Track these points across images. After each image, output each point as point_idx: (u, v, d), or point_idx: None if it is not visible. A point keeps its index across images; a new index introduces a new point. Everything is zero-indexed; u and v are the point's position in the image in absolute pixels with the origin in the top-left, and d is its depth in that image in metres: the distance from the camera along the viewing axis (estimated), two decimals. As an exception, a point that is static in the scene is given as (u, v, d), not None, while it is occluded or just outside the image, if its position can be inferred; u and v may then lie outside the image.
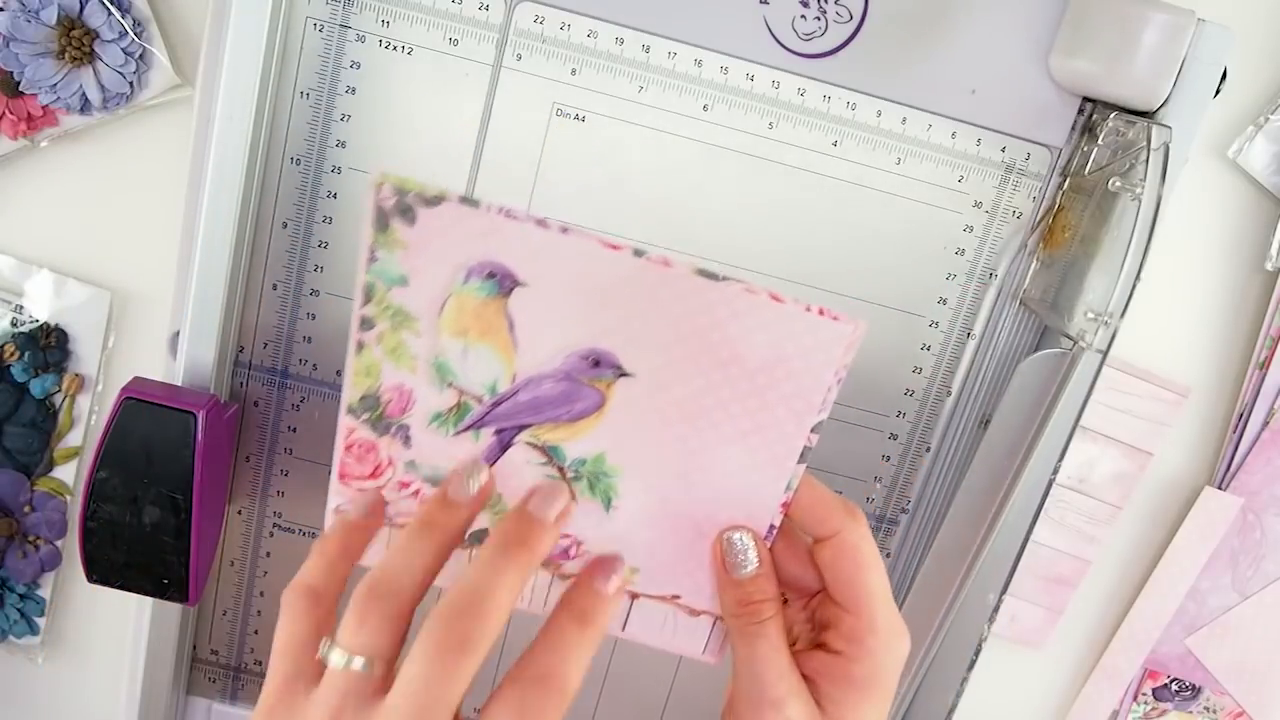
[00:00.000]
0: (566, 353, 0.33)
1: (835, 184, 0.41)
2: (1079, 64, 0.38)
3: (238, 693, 0.48)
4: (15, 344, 0.44)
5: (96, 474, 0.39)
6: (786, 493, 0.34)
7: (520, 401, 0.34)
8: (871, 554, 0.33)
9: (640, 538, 0.36)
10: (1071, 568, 0.50)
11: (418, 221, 0.31)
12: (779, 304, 0.31)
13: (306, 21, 0.38)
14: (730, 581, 0.34)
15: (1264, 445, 0.47)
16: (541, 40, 0.39)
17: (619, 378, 0.33)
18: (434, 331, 0.33)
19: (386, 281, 0.32)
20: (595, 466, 0.35)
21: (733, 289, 0.31)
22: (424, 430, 0.34)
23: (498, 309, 0.32)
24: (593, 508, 0.35)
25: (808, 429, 0.33)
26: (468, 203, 0.31)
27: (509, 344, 0.33)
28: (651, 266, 0.31)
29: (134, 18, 0.40)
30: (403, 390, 0.34)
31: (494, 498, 0.35)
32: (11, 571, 0.48)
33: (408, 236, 0.31)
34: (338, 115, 0.39)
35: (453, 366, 0.33)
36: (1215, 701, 0.53)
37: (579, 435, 0.34)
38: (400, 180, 0.30)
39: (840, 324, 0.31)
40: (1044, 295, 0.41)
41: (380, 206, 0.31)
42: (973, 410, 0.44)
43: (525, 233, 0.31)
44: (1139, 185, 0.36)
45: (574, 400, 0.34)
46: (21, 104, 0.41)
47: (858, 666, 0.33)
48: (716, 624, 0.36)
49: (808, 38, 0.39)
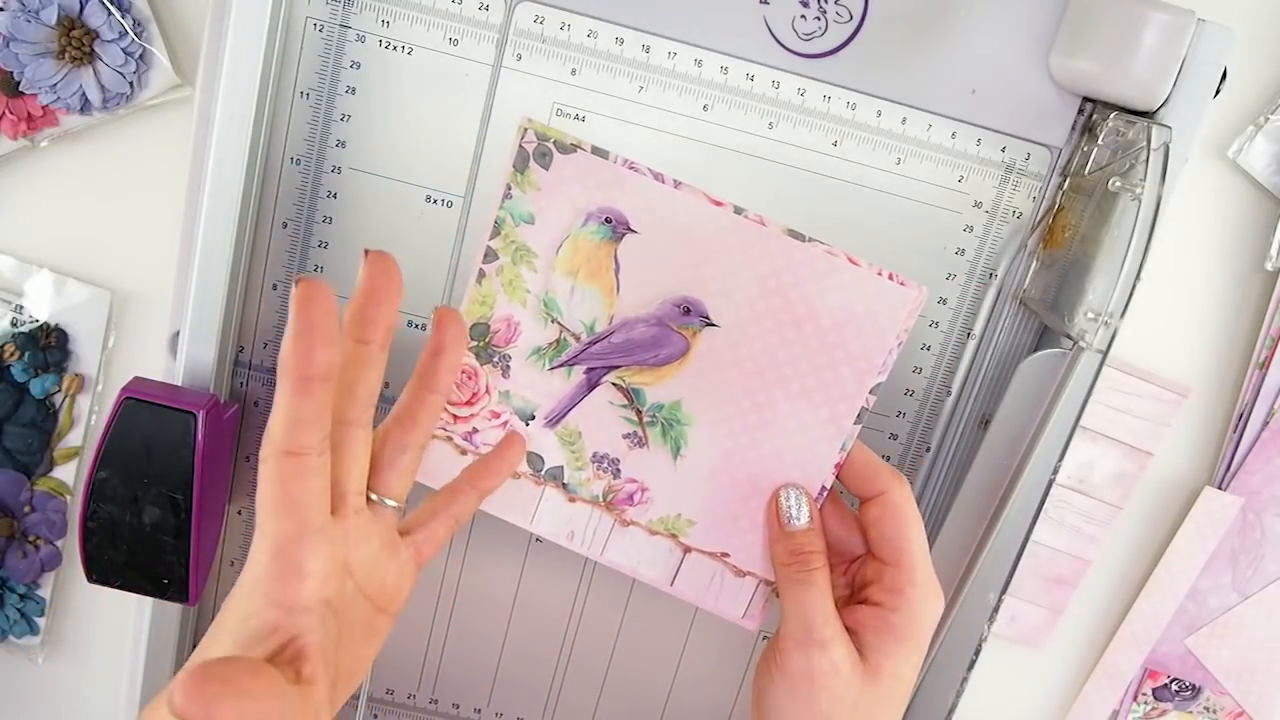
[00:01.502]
0: (661, 300, 0.36)
1: (835, 184, 0.41)
2: (1079, 64, 0.38)
3: (238, 693, 0.48)
4: (15, 344, 0.44)
5: (96, 474, 0.39)
6: (840, 453, 0.37)
7: (614, 342, 0.37)
8: (914, 513, 0.36)
9: (701, 490, 0.38)
10: (1071, 568, 0.50)
11: (552, 166, 0.35)
12: (855, 266, 0.35)
13: (306, 21, 0.38)
14: (783, 534, 0.37)
15: (1264, 445, 0.47)
16: (541, 40, 0.39)
17: (705, 327, 0.36)
18: (548, 269, 0.36)
19: (516, 218, 0.35)
20: (671, 413, 0.37)
21: (816, 249, 0.35)
22: (523, 362, 0.37)
23: (608, 253, 0.35)
24: (662, 455, 0.38)
25: (867, 389, 0.36)
26: (598, 153, 0.34)
27: (612, 287, 0.36)
28: (748, 224, 0.35)
29: (134, 18, 0.40)
30: (511, 321, 0.37)
31: (573, 434, 0.38)
32: (11, 571, 0.48)
33: (541, 179, 0.35)
34: (338, 115, 0.39)
35: (559, 303, 0.36)
36: (1215, 701, 0.53)
37: (661, 380, 0.37)
38: (543, 127, 0.34)
39: (907, 289, 0.35)
40: (1044, 295, 0.41)
41: (523, 148, 0.34)
42: (973, 410, 0.44)
43: (643, 184, 0.35)
44: (1139, 185, 0.36)
45: (662, 345, 0.37)
46: (21, 104, 0.41)
47: (897, 615, 0.35)
48: (759, 587, 0.39)
49: (808, 38, 0.39)
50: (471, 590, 0.46)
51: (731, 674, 0.48)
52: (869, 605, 0.36)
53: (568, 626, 0.47)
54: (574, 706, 0.48)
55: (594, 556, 0.39)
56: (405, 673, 0.47)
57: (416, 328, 0.42)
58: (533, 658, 0.47)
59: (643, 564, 0.39)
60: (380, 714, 0.48)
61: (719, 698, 0.48)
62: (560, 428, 0.38)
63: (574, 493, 0.38)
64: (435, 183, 0.40)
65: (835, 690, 0.34)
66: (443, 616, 0.46)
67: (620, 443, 0.38)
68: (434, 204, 0.40)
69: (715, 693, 0.48)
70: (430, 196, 0.40)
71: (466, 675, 0.48)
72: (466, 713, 0.48)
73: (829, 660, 0.34)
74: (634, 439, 0.37)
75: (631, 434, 0.37)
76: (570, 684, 0.48)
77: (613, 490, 0.38)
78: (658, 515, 0.38)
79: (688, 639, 0.47)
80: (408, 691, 0.48)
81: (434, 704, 0.48)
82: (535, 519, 0.39)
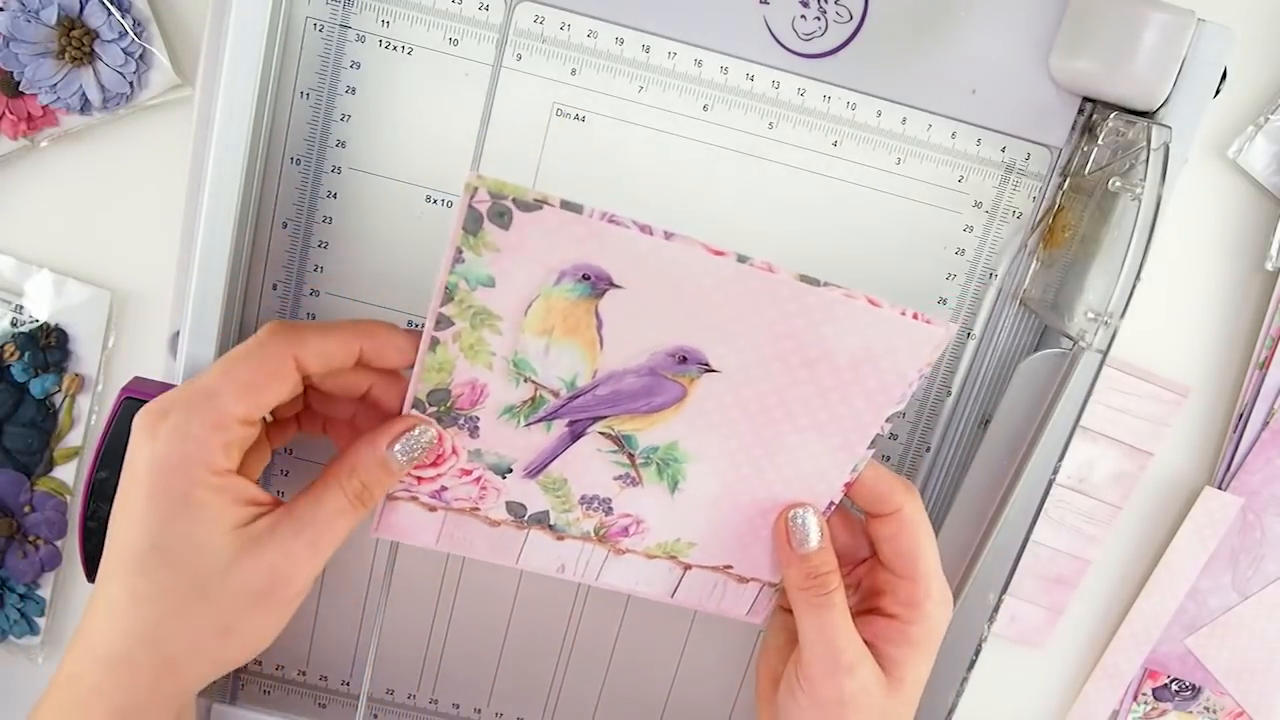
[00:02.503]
0: (653, 351, 0.33)
1: (835, 184, 0.41)
2: (1079, 64, 0.38)
3: (237, 693, 0.48)
4: (15, 344, 0.44)
5: (96, 474, 0.39)
6: (851, 474, 0.36)
7: (599, 395, 0.34)
8: (927, 527, 0.36)
9: (701, 516, 0.37)
10: (1071, 568, 0.50)
11: (513, 225, 0.30)
12: (876, 308, 0.32)
13: (306, 21, 0.38)
14: (796, 557, 0.36)
15: (1264, 445, 0.47)
16: (541, 40, 0.39)
17: (704, 374, 0.33)
18: (516, 330, 0.33)
19: (472, 282, 0.32)
20: (666, 454, 0.35)
21: (833, 294, 0.32)
22: (493, 422, 0.35)
23: (588, 309, 0.32)
24: (658, 491, 0.36)
25: (883, 419, 0.34)
26: (569, 208, 0.30)
27: (594, 342, 0.33)
28: (755, 272, 0.31)
29: (134, 18, 0.40)
30: (475, 385, 0.34)
31: (557, 482, 0.36)
32: (11, 571, 0.48)
33: (500, 240, 0.31)
34: (338, 115, 0.39)
35: (532, 363, 0.33)
36: (1215, 701, 0.53)
37: (654, 425, 0.35)
38: (497, 184, 0.30)
39: (934, 328, 0.32)
40: (1044, 295, 0.41)
41: (474, 208, 0.30)
42: (973, 410, 0.44)
43: (627, 238, 0.31)
44: (1139, 185, 0.36)
45: (654, 394, 0.34)
46: (21, 104, 0.41)
47: (916, 628, 0.35)
48: (763, 589, 0.38)
49: (808, 38, 0.39)
50: (471, 590, 0.46)
51: (731, 674, 0.48)
52: (884, 617, 0.36)
53: (568, 626, 0.47)
54: (574, 706, 0.48)
55: (589, 582, 0.38)
56: (405, 673, 0.47)
57: (417, 328, 0.42)
58: (533, 657, 0.47)
59: (641, 584, 0.38)
60: (380, 714, 0.48)
61: (719, 697, 0.48)
62: (543, 477, 0.36)
63: (562, 532, 0.37)
64: (435, 183, 0.40)
65: (865, 709, 0.35)
66: (443, 616, 0.46)
67: (611, 484, 0.36)
68: (434, 204, 0.40)
69: (715, 692, 0.48)
70: (430, 196, 0.40)
71: (466, 675, 0.48)
72: (466, 713, 0.48)
73: (858, 683, 0.35)
74: (626, 479, 0.36)
75: (624, 475, 0.36)
76: (570, 684, 0.48)
77: (605, 525, 0.37)
78: (655, 542, 0.37)
79: (688, 639, 0.47)
80: (408, 691, 0.48)
81: (434, 704, 0.48)
82: (521, 559, 0.38)
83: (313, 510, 0.33)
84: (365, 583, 0.45)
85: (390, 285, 0.41)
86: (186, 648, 0.32)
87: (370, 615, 0.46)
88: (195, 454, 0.31)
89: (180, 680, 0.32)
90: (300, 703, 0.48)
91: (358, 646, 0.47)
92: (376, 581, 0.45)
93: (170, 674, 0.32)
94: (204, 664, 0.33)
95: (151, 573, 0.31)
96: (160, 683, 0.32)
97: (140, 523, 0.31)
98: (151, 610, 0.31)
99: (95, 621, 0.32)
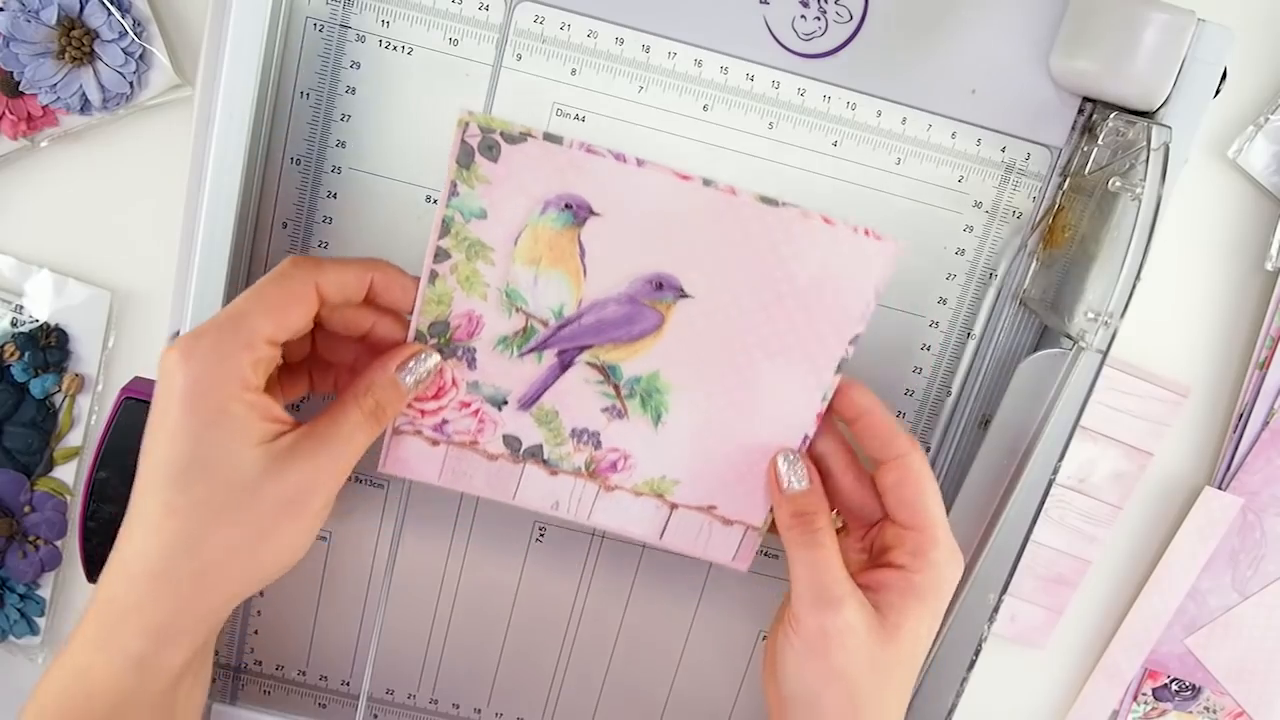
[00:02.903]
0: (632, 278, 0.36)
1: (835, 184, 0.41)
2: (1079, 64, 0.38)
3: (237, 693, 0.48)
4: (15, 344, 0.44)
5: (96, 474, 0.39)
6: (822, 403, 0.37)
7: (584, 324, 0.36)
8: (931, 478, 0.37)
9: (684, 452, 0.38)
10: (1071, 568, 0.50)
11: (501, 158, 0.34)
12: (830, 225, 0.35)
13: (306, 21, 0.38)
14: (784, 498, 0.37)
15: (1264, 445, 0.47)
16: (541, 40, 0.39)
17: (679, 299, 0.36)
18: (507, 260, 0.35)
19: (466, 214, 0.35)
20: (649, 384, 0.37)
21: (790, 213, 0.35)
22: (489, 353, 0.37)
23: (570, 238, 0.35)
24: (643, 424, 0.38)
25: (847, 340, 0.36)
26: (551, 139, 0.33)
27: (579, 271, 0.35)
28: (719, 195, 0.34)
29: (134, 18, 0.40)
30: (472, 316, 0.36)
31: (549, 414, 0.38)
32: (11, 571, 0.48)
33: (490, 172, 0.34)
34: (338, 115, 0.39)
35: (523, 293, 0.36)
36: (1215, 701, 0.53)
37: (636, 354, 0.37)
38: (486, 119, 0.33)
39: (883, 243, 0.35)
40: (1044, 295, 0.41)
41: (466, 142, 0.33)
42: (973, 410, 0.44)
43: (604, 166, 0.34)
44: (1139, 185, 0.36)
45: (635, 321, 0.36)
46: (21, 104, 0.41)
47: (920, 577, 0.36)
48: (747, 533, 0.39)
49: (808, 38, 0.39)
50: (471, 590, 0.46)
51: (732, 673, 0.48)
52: (891, 568, 0.36)
53: (568, 626, 0.47)
54: (574, 706, 0.48)
55: (580, 520, 0.39)
56: (405, 673, 0.47)
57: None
58: (533, 658, 0.47)
59: (630, 523, 0.39)
60: (380, 714, 0.48)
61: (719, 696, 0.48)
62: (535, 409, 0.38)
63: (555, 467, 0.38)
64: (435, 183, 0.40)
65: (851, 648, 0.35)
66: (443, 616, 0.46)
67: (599, 416, 0.38)
68: (434, 204, 0.40)
69: (715, 691, 0.48)
70: (430, 196, 0.40)
71: (466, 675, 0.48)
72: (466, 713, 0.49)
73: (843, 619, 0.35)
74: (613, 411, 0.38)
75: (610, 407, 0.37)
76: (570, 684, 0.48)
77: (595, 460, 0.38)
78: (642, 479, 0.38)
79: (688, 638, 0.47)
80: (408, 691, 0.48)
81: (434, 704, 0.48)
82: (517, 494, 0.39)
83: (333, 427, 0.35)
84: (365, 583, 0.46)
85: (390, 285, 0.41)
86: (222, 557, 0.33)
87: (370, 615, 0.46)
88: (230, 370, 0.33)
89: (216, 594, 0.34)
90: (300, 703, 0.48)
91: (358, 646, 0.47)
92: (376, 581, 0.45)
93: (207, 586, 0.33)
94: (239, 576, 0.34)
95: (187, 486, 0.32)
96: (197, 596, 0.33)
97: (177, 438, 0.32)
98: (188, 523, 0.32)
99: (131, 542, 0.33)
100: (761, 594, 0.45)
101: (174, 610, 0.33)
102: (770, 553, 0.45)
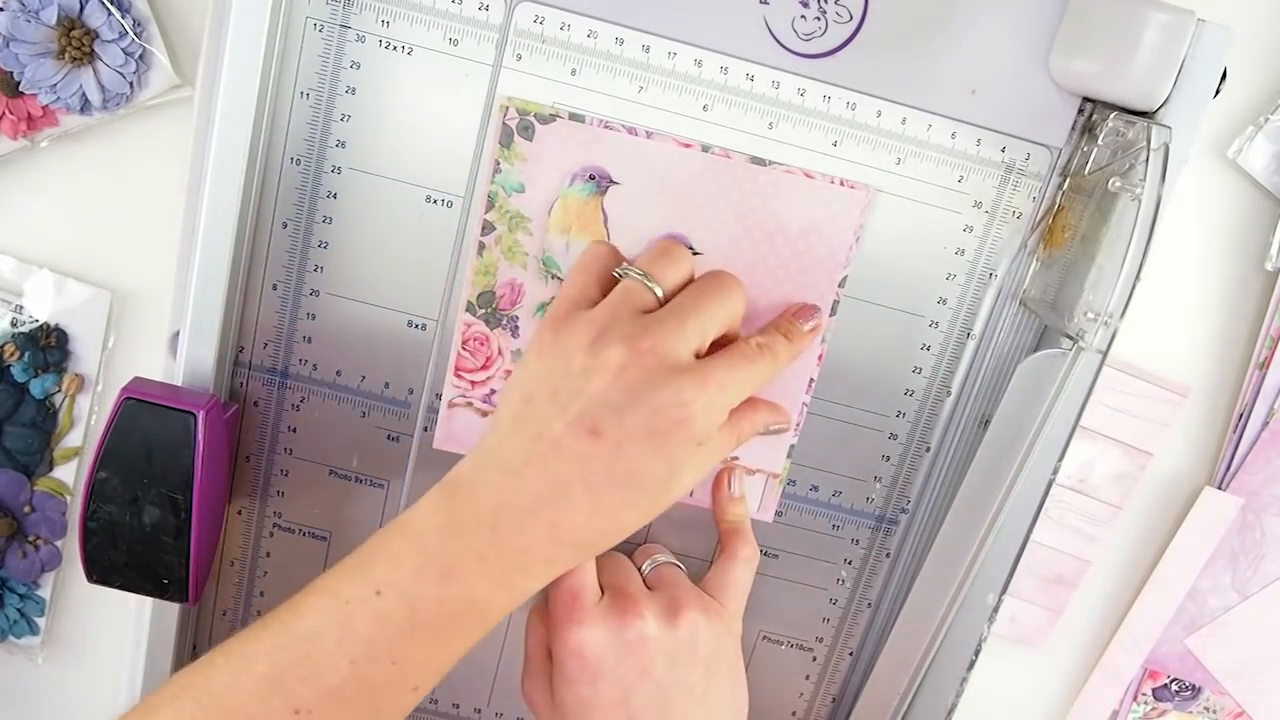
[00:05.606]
0: (649, 240, 0.40)
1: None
2: (1079, 64, 0.38)
3: (238, 693, 0.48)
4: (15, 344, 0.44)
5: (96, 474, 0.39)
6: (822, 345, 0.41)
7: None
8: (748, 573, 0.43)
9: None
10: (1071, 568, 0.50)
11: (536, 136, 0.39)
12: (810, 179, 0.39)
13: (306, 21, 0.38)
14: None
15: (1264, 445, 0.47)
16: (541, 40, 0.39)
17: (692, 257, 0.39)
18: (542, 230, 0.40)
19: (508, 189, 0.39)
20: None
21: (776, 171, 0.39)
22: (531, 320, 0.41)
23: (595, 206, 0.39)
24: None
25: (836, 283, 0.41)
26: (575, 117, 0.39)
27: (604, 236, 0.40)
28: (715, 159, 0.39)
29: (134, 18, 0.40)
30: (514, 285, 0.40)
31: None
32: (11, 571, 0.48)
33: (527, 150, 0.39)
34: (338, 115, 0.39)
35: (557, 260, 0.40)
36: (1215, 701, 0.53)
37: None
38: (523, 103, 0.38)
39: (855, 191, 0.40)
40: (1044, 295, 0.41)
41: (507, 125, 0.38)
42: (973, 410, 0.44)
43: (619, 139, 0.39)
44: (1139, 185, 0.36)
45: None
46: (21, 104, 0.41)
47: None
48: (769, 482, 0.44)
49: (808, 38, 0.39)
50: (471, 590, 0.46)
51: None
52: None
53: (568, 626, 0.47)
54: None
55: None
56: (405, 673, 0.47)
57: (416, 328, 0.42)
58: (533, 658, 0.47)
59: None
60: (380, 714, 0.48)
61: (719, 698, 0.48)
62: None
63: None
64: (435, 183, 0.40)
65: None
66: (443, 616, 0.46)
67: None
68: (434, 204, 0.40)
69: (715, 693, 0.48)
70: (430, 196, 0.40)
71: (466, 675, 0.47)
72: (466, 713, 0.48)
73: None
74: None
75: None
76: (570, 684, 0.48)
77: None
78: None
79: (688, 639, 0.47)
80: (408, 691, 0.48)
81: (434, 704, 0.48)
82: None
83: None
84: (365, 583, 0.45)
85: (390, 285, 0.41)
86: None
87: (370, 615, 0.46)
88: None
89: (561, 544, 0.35)
90: (300, 703, 0.48)
91: (358, 646, 0.47)
92: (376, 581, 0.45)
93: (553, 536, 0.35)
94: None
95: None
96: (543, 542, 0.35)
97: None
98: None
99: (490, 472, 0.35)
100: (761, 594, 0.45)
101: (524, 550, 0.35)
102: (770, 553, 0.45)
